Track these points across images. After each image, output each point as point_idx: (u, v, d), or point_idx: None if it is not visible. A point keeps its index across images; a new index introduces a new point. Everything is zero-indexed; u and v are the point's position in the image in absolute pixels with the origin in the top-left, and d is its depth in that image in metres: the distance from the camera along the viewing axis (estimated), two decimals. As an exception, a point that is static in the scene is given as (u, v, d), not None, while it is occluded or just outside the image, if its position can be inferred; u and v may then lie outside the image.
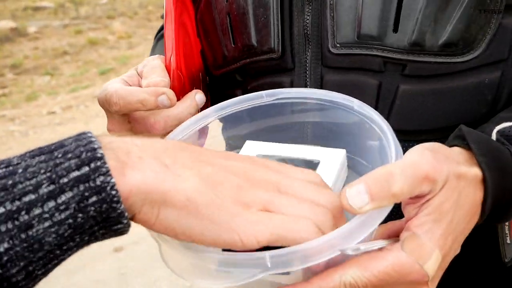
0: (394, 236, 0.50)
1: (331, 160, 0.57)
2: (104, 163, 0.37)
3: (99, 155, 0.37)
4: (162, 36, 0.87)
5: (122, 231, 0.41)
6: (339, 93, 0.59)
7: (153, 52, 0.86)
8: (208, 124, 0.61)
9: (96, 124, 4.72)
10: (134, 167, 0.39)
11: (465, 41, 0.63)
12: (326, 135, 0.64)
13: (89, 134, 0.40)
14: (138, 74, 0.69)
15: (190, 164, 0.42)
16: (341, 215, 0.46)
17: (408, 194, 0.45)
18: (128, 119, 0.67)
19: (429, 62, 0.64)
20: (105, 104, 0.64)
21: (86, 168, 0.37)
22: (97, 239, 0.40)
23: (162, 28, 0.90)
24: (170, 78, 0.66)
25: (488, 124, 0.61)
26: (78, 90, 5.73)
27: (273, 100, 0.62)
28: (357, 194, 0.44)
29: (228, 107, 0.62)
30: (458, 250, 0.51)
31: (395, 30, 0.63)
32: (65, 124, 4.78)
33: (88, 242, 0.40)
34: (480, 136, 0.55)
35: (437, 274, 0.48)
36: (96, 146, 0.38)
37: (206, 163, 0.44)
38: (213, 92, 0.83)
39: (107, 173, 0.37)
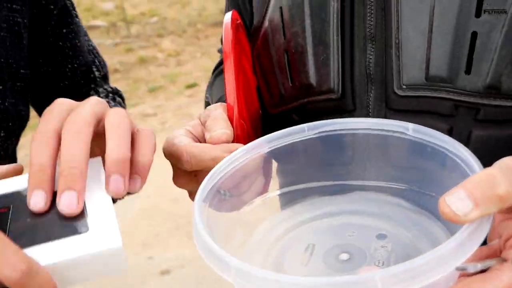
0: (485, 258, 0.46)
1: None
2: None
3: None
4: (220, 73, 0.85)
5: None
6: (391, 120, 0.56)
7: (210, 89, 0.85)
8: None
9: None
10: None
11: None
12: (387, 169, 0.60)
13: None
14: (202, 124, 0.66)
15: None
16: None
17: None
18: (195, 173, 0.64)
19: (505, 106, 0.60)
20: (173, 159, 0.62)
21: None
22: None
23: (219, 64, 0.89)
24: (233, 127, 0.64)
25: None
26: (129, 108, 5.81)
27: (316, 134, 0.59)
28: (458, 200, 0.39)
29: (270, 142, 0.60)
30: None
31: (468, 71, 0.59)
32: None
33: None
34: None
35: None
36: None
37: None
38: (268, 131, 0.80)
39: None
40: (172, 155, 0.62)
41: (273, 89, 0.74)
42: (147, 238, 3.27)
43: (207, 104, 0.85)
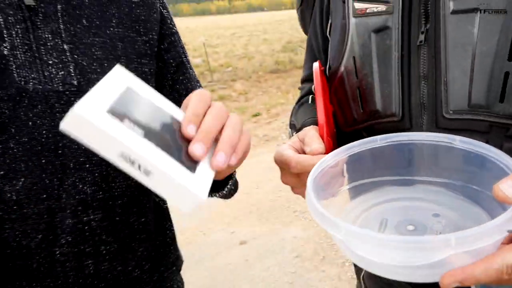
0: None
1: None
2: None
3: None
4: (303, 104, 0.83)
5: None
6: (441, 133, 0.55)
7: (295, 115, 0.82)
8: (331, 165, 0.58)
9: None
10: None
11: None
12: (438, 169, 0.58)
13: None
14: (300, 140, 0.66)
15: None
16: None
17: None
18: (297, 174, 0.63)
19: None
20: (282, 164, 0.62)
21: None
22: None
23: (301, 97, 0.86)
24: (324, 143, 0.63)
25: None
26: (213, 130, 5.90)
27: (384, 143, 0.58)
28: (508, 187, 0.40)
29: (347, 150, 0.59)
30: None
31: (501, 100, 0.57)
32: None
33: None
34: None
35: None
36: None
37: None
38: (343, 145, 0.79)
39: None
40: (282, 162, 0.62)
41: (348, 114, 0.71)
42: (229, 219, 3.29)
43: (293, 125, 0.81)
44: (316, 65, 0.70)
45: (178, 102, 0.69)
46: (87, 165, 0.59)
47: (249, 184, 3.85)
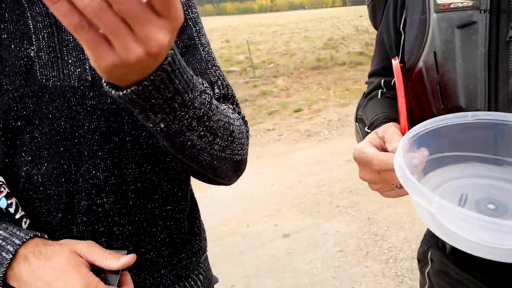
0: None
1: None
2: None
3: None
4: (372, 99, 0.81)
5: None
6: None
7: (363, 110, 0.80)
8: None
9: (269, 148, 4.83)
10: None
11: None
12: None
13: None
14: (379, 137, 0.64)
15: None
16: None
17: None
18: (378, 171, 0.62)
19: None
20: (363, 162, 0.61)
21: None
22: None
23: (370, 92, 0.83)
24: None
25: None
26: (255, 125, 5.92)
27: (475, 119, 0.57)
28: None
29: (436, 122, 0.57)
30: None
31: None
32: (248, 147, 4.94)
33: None
34: None
35: None
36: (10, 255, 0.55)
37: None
38: None
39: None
40: (362, 159, 0.61)
41: (426, 109, 0.69)
42: (272, 212, 3.29)
43: (360, 119, 0.80)
44: (396, 62, 0.68)
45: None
46: (100, 153, 0.63)
47: (292, 178, 3.83)
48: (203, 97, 0.53)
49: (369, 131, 0.73)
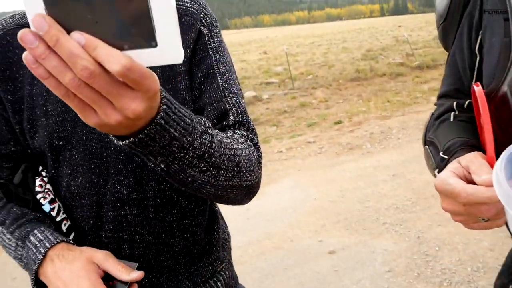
0: None
1: None
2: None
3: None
4: (443, 122, 0.77)
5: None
6: None
7: (435, 133, 0.76)
8: None
9: (310, 160, 4.74)
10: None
11: None
12: None
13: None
14: (462, 167, 0.60)
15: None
16: None
17: None
18: (463, 204, 0.58)
19: None
20: (448, 193, 0.58)
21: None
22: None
23: (441, 114, 0.79)
24: None
25: None
26: (295, 137, 5.85)
27: None
28: None
29: None
30: None
31: None
32: (289, 159, 4.87)
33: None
34: None
35: None
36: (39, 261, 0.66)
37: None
38: None
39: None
40: (447, 191, 0.57)
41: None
42: (317, 227, 3.19)
43: (431, 143, 0.76)
44: (479, 89, 0.63)
45: (202, 110, 0.74)
46: (124, 171, 0.71)
47: (335, 193, 3.73)
48: (203, 137, 0.55)
49: (445, 156, 0.69)
